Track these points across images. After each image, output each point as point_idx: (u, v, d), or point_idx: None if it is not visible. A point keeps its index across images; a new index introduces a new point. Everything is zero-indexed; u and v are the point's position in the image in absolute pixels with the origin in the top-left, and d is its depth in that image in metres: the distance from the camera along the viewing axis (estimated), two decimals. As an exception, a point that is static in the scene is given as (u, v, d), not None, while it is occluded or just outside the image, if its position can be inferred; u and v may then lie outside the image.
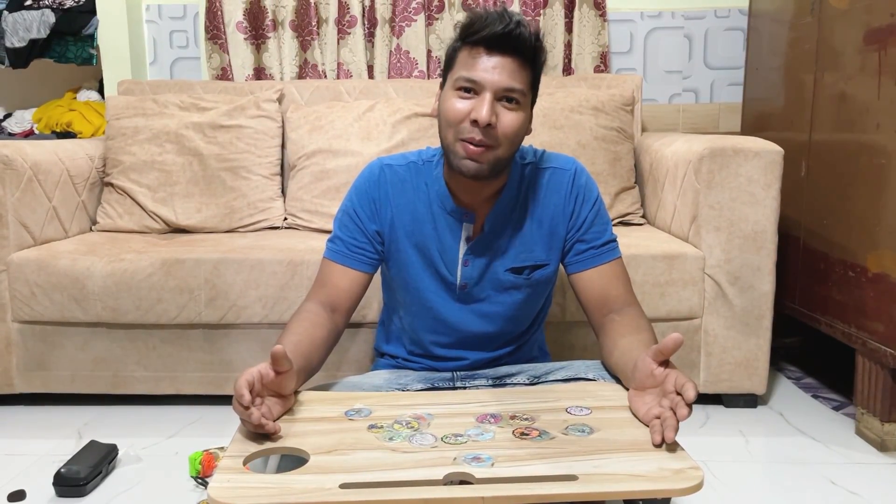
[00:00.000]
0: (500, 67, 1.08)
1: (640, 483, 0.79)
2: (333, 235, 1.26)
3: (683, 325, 1.80)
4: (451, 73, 1.13)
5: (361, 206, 1.24)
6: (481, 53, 1.09)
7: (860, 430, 1.72)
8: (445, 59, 1.16)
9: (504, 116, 1.10)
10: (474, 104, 1.09)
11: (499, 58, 1.08)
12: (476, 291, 1.24)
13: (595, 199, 1.25)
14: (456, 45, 1.13)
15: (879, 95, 1.63)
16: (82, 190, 2.15)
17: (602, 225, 1.25)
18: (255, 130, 2.20)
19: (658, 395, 0.94)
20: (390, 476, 0.81)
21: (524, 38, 1.08)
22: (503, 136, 1.10)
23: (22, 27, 2.49)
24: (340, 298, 1.22)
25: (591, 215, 1.24)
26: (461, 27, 1.12)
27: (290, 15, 2.50)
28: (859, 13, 1.71)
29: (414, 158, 1.27)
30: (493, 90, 1.08)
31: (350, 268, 1.23)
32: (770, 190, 1.75)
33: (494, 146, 1.10)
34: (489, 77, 1.08)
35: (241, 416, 0.91)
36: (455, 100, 1.11)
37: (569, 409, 0.97)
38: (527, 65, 1.11)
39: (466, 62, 1.10)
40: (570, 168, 1.25)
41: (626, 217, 2.14)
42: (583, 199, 1.24)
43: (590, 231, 1.23)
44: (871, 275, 1.65)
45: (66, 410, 1.88)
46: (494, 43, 1.08)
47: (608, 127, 2.15)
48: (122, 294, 1.78)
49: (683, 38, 2.59)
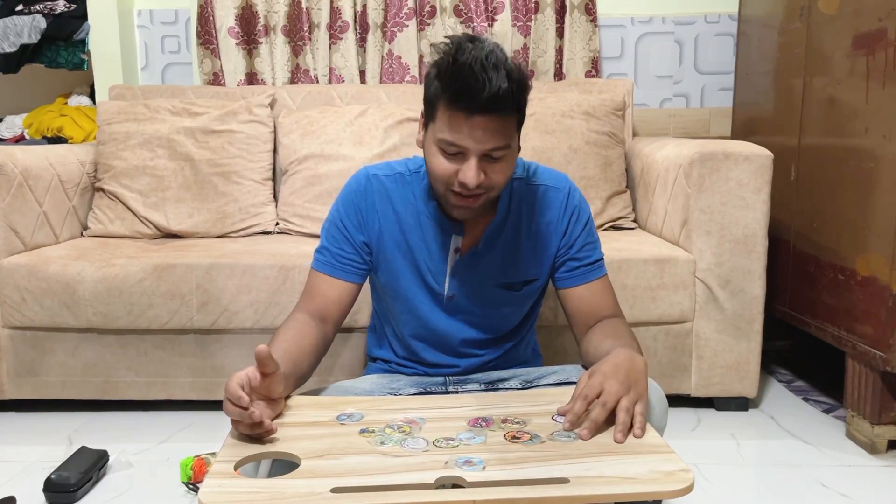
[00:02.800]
0: (483, 129, 1.03)
1: (632, 485, 0.79)
2: (321, 246, 1.24)
3: (675, 329, 1.81)
4: (433, 125, 1.08)
5: (348, 216, 1.23)
6: (462, 116, 1.03)
7: (850, 433, 1.73)
8: (426, 102, 1.10)
9: (491, 170, 1.08)
10: (460, 166, 1.06)
11: (480, 118, 1.03)
12: (463, 303, 1.24)
13: (587, 219, 1.27)
14: (437, 92, 1.06)
15: (868, 100, 1.64)
16: (73, 195, 2.14)
17: (593, 243, 1.26)
18: (246, 135, 2.19)
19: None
20: (382, 480, 0.81)
21: (505, 97, 1.02)
22: (495, 184, 1.09)
23: (13, 32, 2.48)
24: (329, 309, 1.21)
25: (584, 234, 1.25)
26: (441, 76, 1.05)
27: (282, 20, 2.50)
28: (848, 18, 1.72)
29: (401, 169, 1.25)
30: (478, 154, 1.05)
31: (338, 279, 1.22)
32: (760, 194, 1.76)
33: (486, 194, 1.10)
34: (473, 144, 1.04)
35: (236, 418, 0.90)
36: (440, 157, 1.08)
37: (554, 417, 0.97)
38: (512, 116, 1.07)
39: (448, 123, 1.05)
40: (564, 187, 1.26)
41: (618, 221, 2.15)
42: (576, 218, 1.25)
43: (582, 250, 1.25)
44: (861, 278, 1.66)
45: (57, 416, 1.87)
46: (476, 106, 1.02)
47: (599, 131, 2.16)
48: (113, 299, 1.78)
49: (674, 44, 2.60)
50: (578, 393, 0.95)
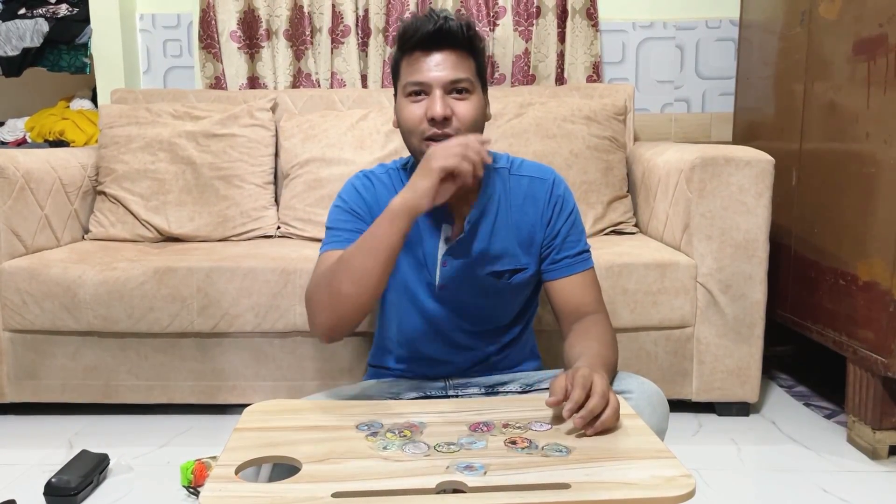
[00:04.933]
0: (441, 64, 1.15)
1: (633, 491, 0.79)
2: (328, 230, 1.25)
3: (676, 334, 1.81)
4: (399, 83, 1.20)
5: (353, 201, 1.26)
6: (420, 56, 1.16)
7: (852, 438, 1.72)
8: (392, 73, 1.23)
9: (458, 107, 1.16)
10: (427, 104, 1.15)
11: (437, 54, 1.15)
12: (455, 292, 1.25)
13: (572, 209, 1.28)
14: (397, 57, 1.20)
15: (869, 105, 1.64)
16: (75, 198, 2.14)
17: (577, 234, 1.28)
18: (248, 139, 2.20)
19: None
20: (383, 485, 0.81)
21: (455, 31, 1.15)
22: (462, 124, 1.16)
23: (15, 36, 2.49)
24: None
25: (568, 225, 1.27)
26: (396, 38, 1.19)
27: (283, 24, 2.51)
28: (848, 24, 1.73)
29: (391, 165, 1.32)
30: (440, 86, 1.14)
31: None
32: (761, 199, 1.76)
33: (457, 135, 1.13)
34: (433, 75, 1.14)
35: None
36: (409, 106, 1.17)
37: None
38: (466, 54, 1.17)
39: (409, 68, 1.17)
40: (548, 178, 1.29)
41: (619, 226, 2.15)
42: (560, 207, 1.27)
43: (566, 240, 1.26)
44: (862, 283, 1.66)
45: (57, 420, 1.87)
46: (429, 43, 1.15)
47: (600, 136, 2.16)
48: (113, 303, 1.78)
49: (675, 49, 2.60)
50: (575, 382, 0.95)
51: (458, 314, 1.26)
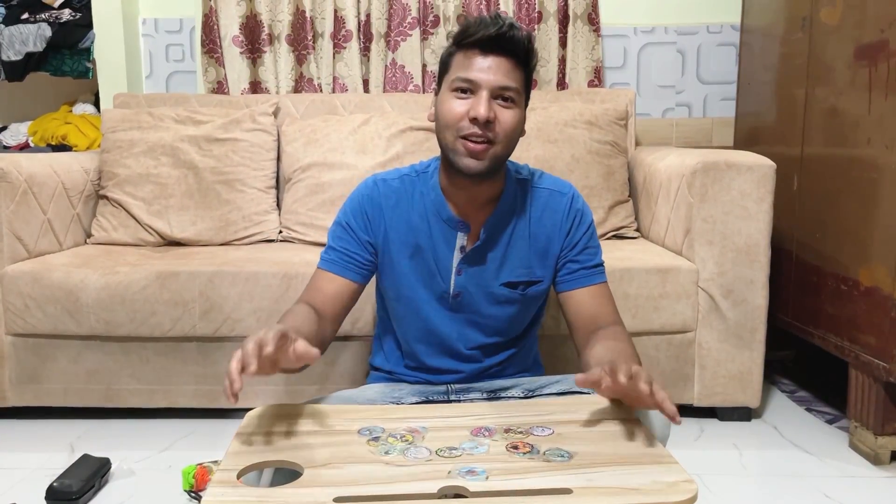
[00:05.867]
0: (496, 67, 1.12)
1: (634, 496, 0.79)
2: (327, 247, 1.27)
3: (677, 339, 1.81)
4: (447, 76, 1.17)
5: (355, 218, 1.26)
6: (476, 55, 1.13)
7: (854, 444, 1.72)
8: (440, 65, 1.20)
9: (501, 114, 1.14)
10: (472, 103, 1.12)
11: (493, 58, 1.13)
12: (469, 302, 1.25)
13: (590, 224, 1.29)
14: (451, 50, 1.18)
15: (870, 110, 1.64)
16: (77, 203, 2.15)
17: (594, 248, 1.28)
18: (250, 144, 2.20)
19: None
20: (385, 490, 0.81)
21: (517, 40, 1.13)
22: (502, 132, 1.14)
23: (18, 40, 2.50)
24: (326, 304, 1.22)
25: (586, 238, 1.27)
26: (456, 32, 1.16)
27: (286, 29, 2.51)
28: (849, 29, 1.73)
29: (407, 171, 1.29)
30: (489, 88, 1.12)
31: (337, 275, 1.24)
32: (763, 204, 1.76)
33: (494, 142, 1.13)
34: (485, 76, 1.12)
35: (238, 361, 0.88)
36: (453, 101, 1.14)
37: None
38: (520, 65, 1.15)
39: (462, 64, 1.14)
40: (568, 192, 1.29)
41: (620, 230, 2.15)
42: (579, 221, 1.27)
43: (583, 253, 1.26)
44: (864, 288, 1.66)
45: (59, 424, 1.88)
46: (489, 44, 1.12)
47: (602, 141, 2.17)
48: (116, 307, 1.78)
49: (676, 54, 2.61)
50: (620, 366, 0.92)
51: (469, 324, 1.26)
